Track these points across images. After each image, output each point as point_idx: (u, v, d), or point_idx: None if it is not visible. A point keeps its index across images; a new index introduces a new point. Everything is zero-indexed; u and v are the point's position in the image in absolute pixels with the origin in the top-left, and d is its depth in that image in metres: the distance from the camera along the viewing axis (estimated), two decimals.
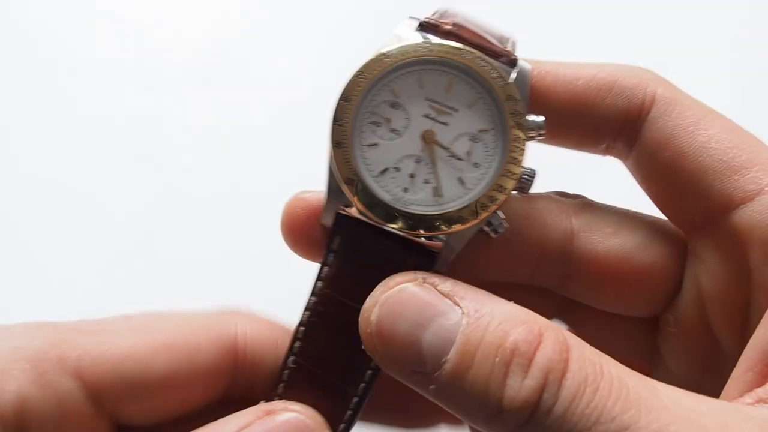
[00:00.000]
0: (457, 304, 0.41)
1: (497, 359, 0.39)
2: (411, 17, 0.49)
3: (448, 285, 0.42)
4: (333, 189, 0.47)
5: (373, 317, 0.42)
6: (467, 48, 0.47)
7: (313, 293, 0.47)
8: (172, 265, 0.97)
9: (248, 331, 0.47)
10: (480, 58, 0.47)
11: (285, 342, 0.47)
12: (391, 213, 0.46)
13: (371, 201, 0.46)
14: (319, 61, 1.12)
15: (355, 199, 0.46)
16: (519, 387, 0.38)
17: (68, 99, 1.07)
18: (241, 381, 0.48)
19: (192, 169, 1.04)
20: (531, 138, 0.47)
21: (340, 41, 1.12)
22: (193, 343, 0.45)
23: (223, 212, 1.02)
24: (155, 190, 1.03)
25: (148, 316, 0.46)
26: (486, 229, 0.47)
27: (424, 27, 0.49)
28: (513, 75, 0.47)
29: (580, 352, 0.39)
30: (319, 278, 0.47)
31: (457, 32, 0.48)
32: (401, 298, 0.42)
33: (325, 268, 0.47)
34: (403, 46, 0.47)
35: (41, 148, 1.05)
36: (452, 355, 0.40)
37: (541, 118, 0.47)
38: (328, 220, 0.47)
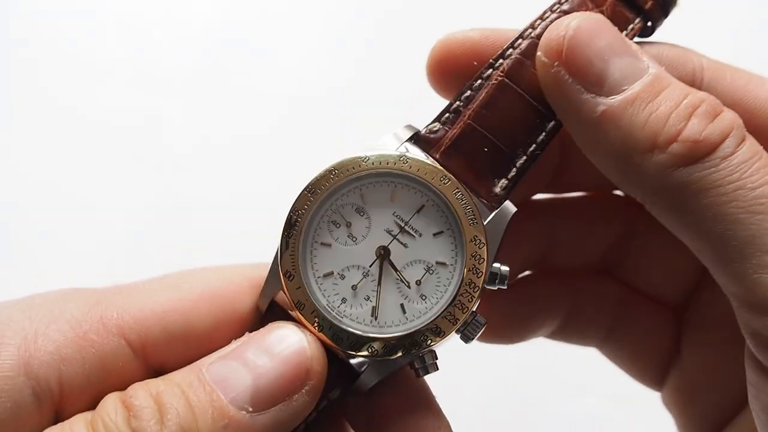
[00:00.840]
0: (647, 61, 0.43)
1: (684, 101, 0.41)
2: (408, 126, 0.47)
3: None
4: (275, 273, 0.45)
5: (573, 23, 0.42)
6: (450, 175, 0.45)
7: None
8: (171, 268, 0.96)
9: None
10: (459, 189, 0.45)
11: None
12: (320, 320, 0.44)
13: (303, 300, 0.44)
14: (320, 64, 1.11)
15: (288, 293, 0.44)
16: (703, 127, 0.40)
17: (68, 100, 1.07)
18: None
19: (192, 172, 1.04)
20: (489, 285, 0.45)
21: (342, 47, 1.12)
22: (232, 291, 0.45)
23: (222, 214, 1.02)
24: (155, 191, 1.03)
25: (183, 272, 0.47)
26: (415, 366, 0.45)
27: (419, 140, 0.47)
28: (490, 216, 0.45)
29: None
30: None
31: (447, 158, 0.46)
32: (604, 23, 0.43)
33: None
34: (384, 155, 0.45)
35: (41, 150, 1.05)
36: (637, 86, 0.42)
37: (506, 269, 0.45)
38: (264, 304, 0.46)
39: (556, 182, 0.54)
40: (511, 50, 0.47)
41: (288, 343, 0.42)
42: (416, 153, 0.46)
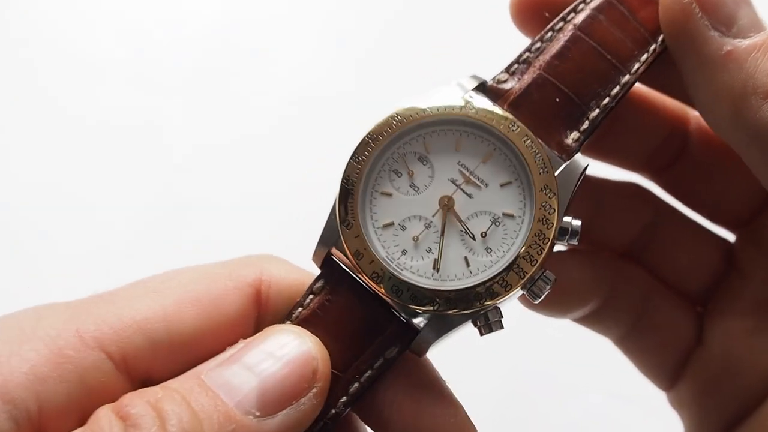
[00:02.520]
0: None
1: None
2: (474, 76, 0.45)
3: None
4: (331, 226, 0.43)
5: None
6: (520, 123, 0.43)
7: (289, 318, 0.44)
8: (171, 269, 0.96)
9: (273, 274, 0.44)
10: (528, 137, 0.43)
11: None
12: (378, 272, 0.42)
13: (362, 252, 0.42)
14: (321, 64, 1.11)
15: (347, 244, 0.42)
16: None
17: (68, 100, 1.07)
18: (267, 323, 0.45)
19: (192, 173, 1.04)
20: (559, 240, 0.43)
21: (344, 47, 1.12)
22: (218, 292, 0.43)
23: (223, 215, 1.02)
24: (155, 191, 1.03)
25: (166, 274, 0.44)
26: (478, 324, 0.43)
27: (487, 91, 0.45)
28: (561, 167, 0.43)
29: None
30: (288, 316, 0.44)
31: (516, 109, 0.45)
32: None
33: (299, 309, 0.44)
34: (449, 101, 0.44)
35: (40, 150, 1.05)
36: (763, 35, 0.43)
37: (578, 223, 0.43)
38: (318, 259, 0.44)
39: (593, 146, 0.55)
40: (582, 5, 0.47)
41: (292, 346, 0.40)
42: (483, 102, 0.44)
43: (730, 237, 0.58)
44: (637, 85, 0.53)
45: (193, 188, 1.03)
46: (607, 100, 0.45)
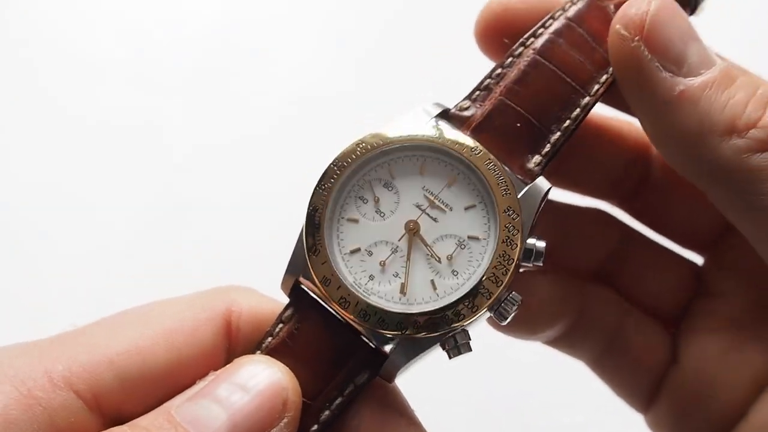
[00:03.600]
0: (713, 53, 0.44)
1: (759, 91, 0.42)
2: (436, 103, 0.46)
3: None
4: (298, 254, 0.44)
5: (653, 6, 0.42)
6: (481, 147, 0.44)
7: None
8: (171, 269, 0.96)
9: (243, 305, 0.44)
10: (490, 160, 0.44)
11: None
12: (346, 297, 0.42)
13: (329, 277, 0.43)
14: (322, 64, 1.11)
15: (314, 271, 0.43)
16: None
17: (68, 100, 1.07)
18: (238, 353, 0.45)
19: (192, 173, 1.04)
20: (524, 261, 0.43)
21: (344, 47, 1.12)
22: (190, 325, 0.42)
23: (223, 215, 1.02)
24: (155, 191, 1.03)
25: (136, 309, 0.44)
26: (446, 347, 0.43)
27: (449, 118, 0.46)
28: (524, 190, 0.44)
29: None
30: (258, 346, 0.44)
31: (479, 134, 0.45)
32: (679, 7, 0.44)
33: (269, 338, 0.44)
34: (412, 127, 0.45)
35: (40, 150, 1.05)
36: (714, 71, 0.42)
37: (542, 244, 0.43)
38: (286, 287, 0.45)
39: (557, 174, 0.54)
40: (542, 29, 0.47)
41: (262, 376, 0.40)
42: (445, 128, 0.45)
43: (698, 259, 0.57)
44: (599, 114, 0.53)
45: (193, 188, 1.03)
46: (567, 122, 0.45)
